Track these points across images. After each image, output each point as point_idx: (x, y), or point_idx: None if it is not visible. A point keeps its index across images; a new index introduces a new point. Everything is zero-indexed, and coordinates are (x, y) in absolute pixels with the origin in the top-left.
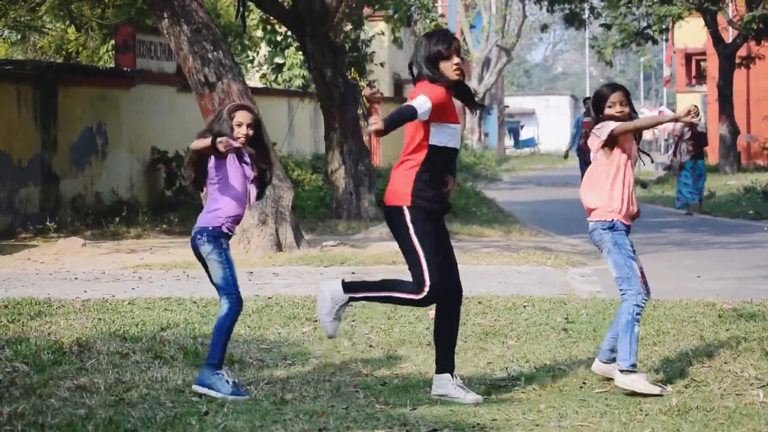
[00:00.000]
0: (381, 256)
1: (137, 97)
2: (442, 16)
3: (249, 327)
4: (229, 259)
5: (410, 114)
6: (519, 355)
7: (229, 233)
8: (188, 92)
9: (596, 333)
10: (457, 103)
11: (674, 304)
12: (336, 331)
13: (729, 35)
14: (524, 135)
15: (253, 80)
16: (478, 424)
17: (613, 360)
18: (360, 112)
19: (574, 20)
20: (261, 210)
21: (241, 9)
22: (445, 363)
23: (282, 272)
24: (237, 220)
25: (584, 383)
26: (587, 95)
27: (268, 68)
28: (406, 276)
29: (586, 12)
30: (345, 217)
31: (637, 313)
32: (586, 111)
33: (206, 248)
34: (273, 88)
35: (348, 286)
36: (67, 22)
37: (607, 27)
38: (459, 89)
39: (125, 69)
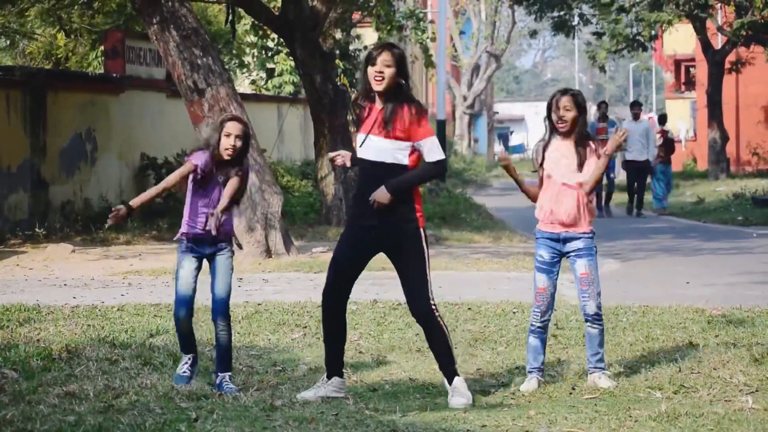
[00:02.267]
0: (371, 262)
1: (127, 103)
2: (432, 22)
3: (239, 333)
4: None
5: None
6: (509, 361)
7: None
8: (178, 98)
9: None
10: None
11: (663, 310)
12: None
13: (718, 41)
14: (514, 141)
15: (243, 86)
16: (468, 430)
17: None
18: (349, 118)
19: (563, 27)
20: (250, 217)
21: (230, 15)
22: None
23: (271, 278)
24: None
25: (574, 389)
26: (603, 99)
27: (257, 74)
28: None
29: (575, 19)
30: (335, 223)
31: (530, 326)
32: (601, 116)
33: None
34: (262, 94)
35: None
36: (57, 28)
37: (599, 35)
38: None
39: (114, 75)
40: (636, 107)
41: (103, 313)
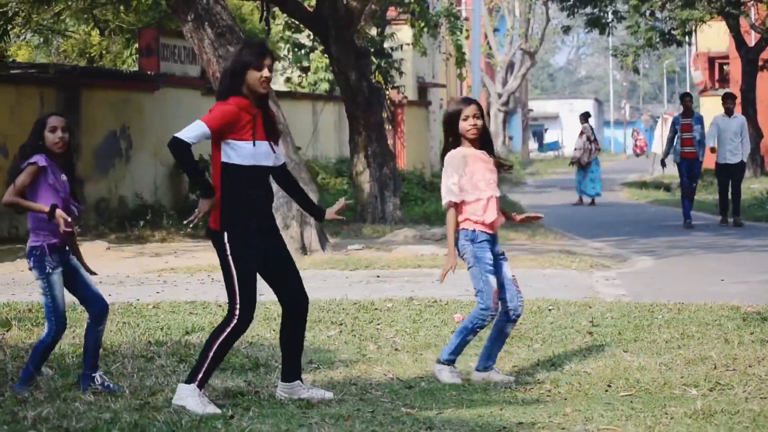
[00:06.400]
0: (406, 259)
1: (161, 101)
2: (466, 19)
3: (274, 330)
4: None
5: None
6: (544, 358)
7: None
8: (212, 96)
9: (621, 336)
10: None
11: (699, 307)
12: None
13: (752, 39)
14: (548, 138)
15: (278, 84)
16: (504, 427)
17: (487, 368)
18: (385, 115)
19: (597, 24)
20: (285, 214)
21: (265, 13)
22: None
23: (307, 276)
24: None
25: (610, 386)
26: (687, 91)
27: (292, 71)
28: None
29: (609, 16)
30: (370, 221)
31: (479, 327)
32: (685, 110)
33: None
34: (298, 91)
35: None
36: (91, 26)
37: (634, 30)
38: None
39: (149, 72)
40: (729, 100)
41: (138, 310)
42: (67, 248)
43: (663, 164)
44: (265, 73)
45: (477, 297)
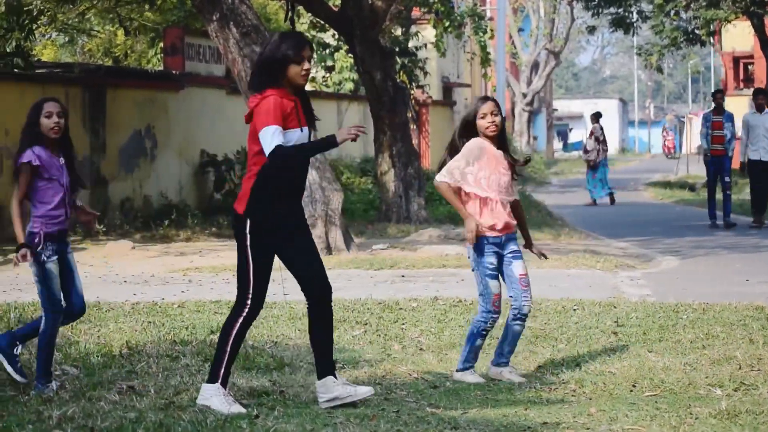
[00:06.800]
0: (431, 259)
1: (186, 100)
2: (491, 19)
3: (299, 330)
4: None
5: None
6: (569, 358)
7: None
8: (237, 95)
9: (646, 336)
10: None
11: (723, 307)
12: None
13: None
14: (573, 138)
15: None
16: (529, 427)
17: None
18: (409, 115)
19: (621, 24)
20: (310, 213)
21: (290, 12)
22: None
23: (332, 276)
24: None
25: (634, 386)
26: (719, 88)
27: (317, 71)
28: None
29: (634, 15)
30: (394, 220)
31: (483, 330)
32: (716, 109)
33: None
34: (322, 91)
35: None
36: (116, 25)
37: (658, 30)
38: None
39: (174, 72)
40: (760, 96)
41: (163, 309)
42: (66, 239)
43: (705, 160)
44: (306, 65)
45: (479, 300)
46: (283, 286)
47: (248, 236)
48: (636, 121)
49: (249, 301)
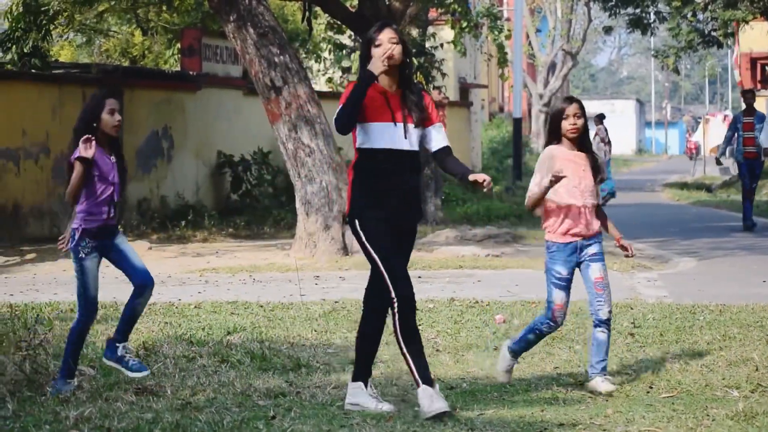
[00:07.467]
0: (447, 260)
1: (203, 101)
2: (508, 20)
3: (315, 331)
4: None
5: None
6: (586, 359)
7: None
8: (254, 96)
9: (663, 338)
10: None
11: (740, 308)
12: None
13: None
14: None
15: (319, 84)
16: (545, 428)
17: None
18: None
19: (638, 24)
20: (327, 214)
21: (307, 13)
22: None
23: (349, 276)
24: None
25: (651, 388)
26: (750, 88)
27: (334, 72)
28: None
29: (651, 16)
30: None
31: (538, 330)
32: (747, 109)
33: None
34: (340, 92)
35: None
36: (133, 26)
37: (675, 32)
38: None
39: (191, 72)
40: None
41: (180, 310)
42: (109, 235)
43: (718, 162)
44: (384, 47)
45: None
46: (300, 287)
47: (360, 234)
48: (653, 121)
49: (393, 295)
